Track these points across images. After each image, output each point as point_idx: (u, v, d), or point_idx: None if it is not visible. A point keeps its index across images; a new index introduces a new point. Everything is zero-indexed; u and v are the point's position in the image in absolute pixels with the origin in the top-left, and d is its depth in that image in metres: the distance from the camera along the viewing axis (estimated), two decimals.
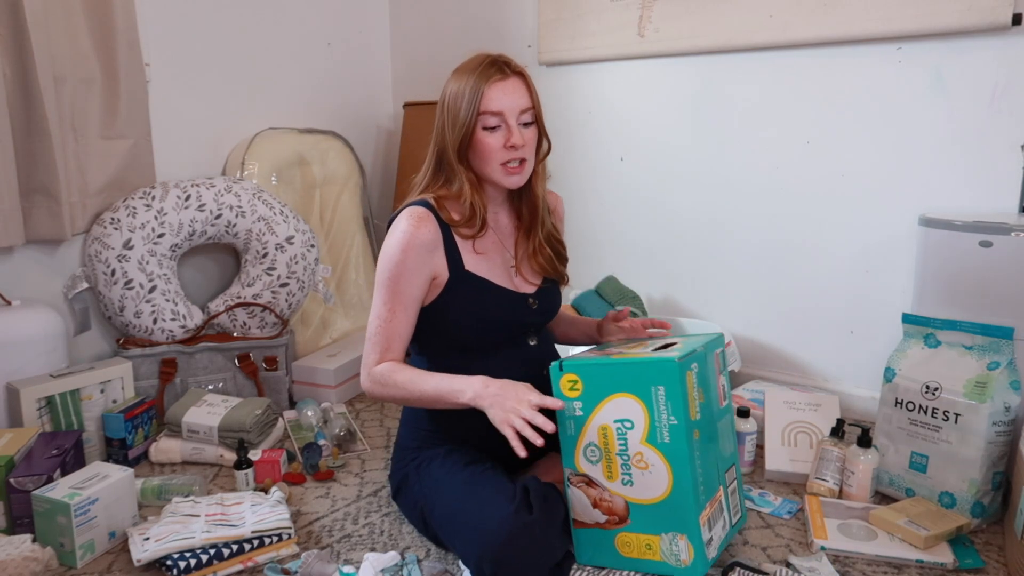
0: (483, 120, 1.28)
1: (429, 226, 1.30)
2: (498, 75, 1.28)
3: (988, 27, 1.66)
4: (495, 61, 1.30)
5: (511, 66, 1.31)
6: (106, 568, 1.30)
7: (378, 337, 1.32)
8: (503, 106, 1.28)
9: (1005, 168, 1.71)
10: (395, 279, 1.29)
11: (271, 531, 1.32)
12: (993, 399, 1.37)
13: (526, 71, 1.34)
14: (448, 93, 1.32)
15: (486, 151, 1.29)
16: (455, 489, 1.25)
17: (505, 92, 1.28)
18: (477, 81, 1.27)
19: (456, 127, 1.30)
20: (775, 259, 2.08)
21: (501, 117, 1.28)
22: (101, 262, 1.86)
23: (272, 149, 2.25)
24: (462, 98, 1.28)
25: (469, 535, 1.16)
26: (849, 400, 1.97)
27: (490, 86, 1.27)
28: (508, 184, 1.33)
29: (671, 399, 1.14)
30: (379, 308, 1.32)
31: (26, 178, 1.73)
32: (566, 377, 1.20)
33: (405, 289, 1.29)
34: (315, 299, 2.32)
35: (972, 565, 1.28)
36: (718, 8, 2.02)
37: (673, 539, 1.17)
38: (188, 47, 2.13)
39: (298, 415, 1.90)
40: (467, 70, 1.30)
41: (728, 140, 2.11)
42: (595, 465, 1.20)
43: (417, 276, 1.29)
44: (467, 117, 1.28)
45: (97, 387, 1.70)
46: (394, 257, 1.28)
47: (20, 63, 1.68)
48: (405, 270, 1.28)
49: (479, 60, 1.31)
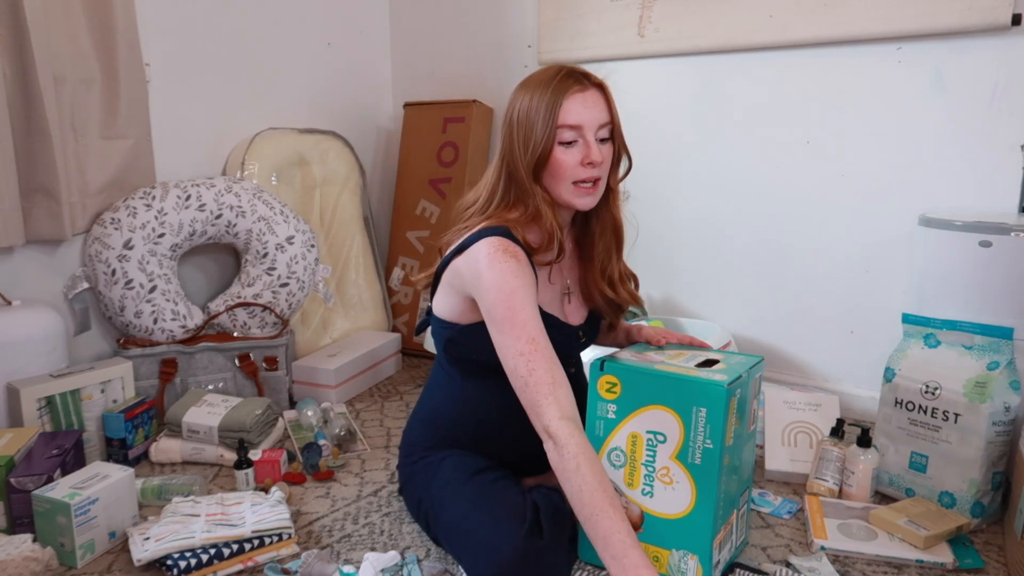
0: (560, 135, 1.19)
1: (520, 254, 1.18)
2: (577, 86, 1.20)
3: (988, 27, 1.66)
4: (572, 71, 1.22)
5: (590, 78, 1.23)
6: (106, 568, 1.30)
7: (535, 378, 1.11)
8: (582, 120, 1.19)
9: (1005, 168, 1.71)
10: (515, 308, 1.14)
11: (271, 531, 1.32)
12: (993, 399, 1.37)
13: (606, 83, 1.25)
14: (519, 107, 1.22)
15: (560, 169, 1.20)
16: (464, 500, 1.22)
17: (585, 105, 1.19)
18: (554, 93, 1.18)
19: (531, 143, 1.20)
20: (775, 259, 2.08)
21: (579, 132, 1.19)
22: (101, 262, 1.86)
23: (272, 149, 2.25)
24: (536, 112, 1.19)
25: (477, 554, 1.14)
26: (849, 400, 1.97)
27: (568, 97, 1.18)
28: (579, 205, 1.23)
29: (711, 422, 1.11)
30: (513, 347, 1.14)
31: (26, 178, 1.73)
32: (605, 378, 1.17)
33: (530, 314, 1.15)
34: (315, 299, 2.32)
35: (972, 565, 1.28)
36: (718, 8, 2.02)
37: (683, 557, 1.16)
38: (188, 47, 2.13)
39: (298, 415, 1.90)
40: (540, 82, 1.21)
41: (728, 140, 2.11)
42: (617, 470, 1.19)
43: (531, 298, 1.17)
44: (544, 132, 1.18)
45: (97, 387, 1.70)
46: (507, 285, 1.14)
47: (20, 63, 1.68)
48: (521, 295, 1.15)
49: (554, 71, 1.22)
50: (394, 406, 2.09)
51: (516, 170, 1.23)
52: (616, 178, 1.30)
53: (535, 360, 1.12)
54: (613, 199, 1.30)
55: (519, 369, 1.13)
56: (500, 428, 1.32)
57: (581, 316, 1.37)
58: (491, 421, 1.33)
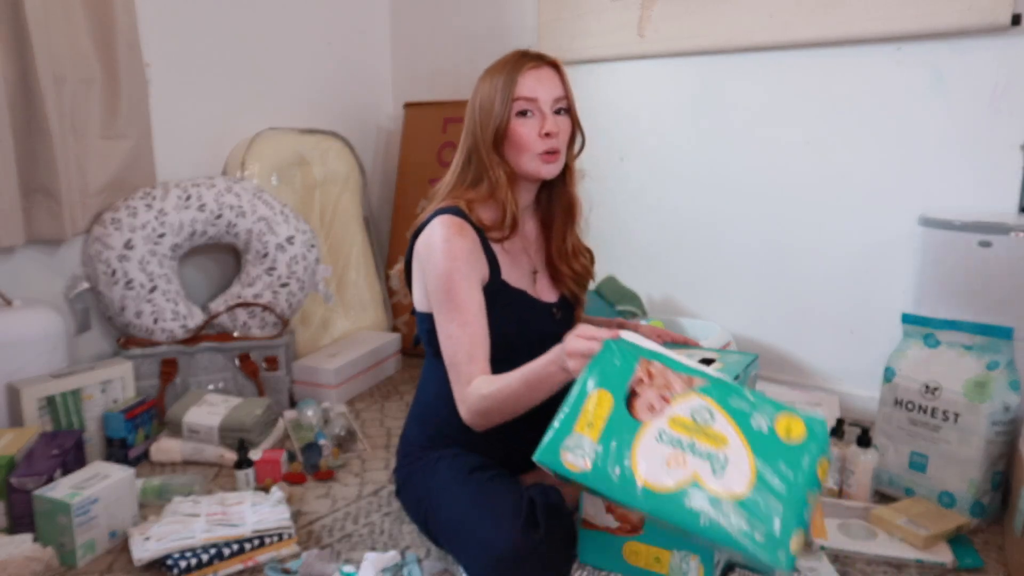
0: (517, 106, 1.26)
1: (467, 230, 1.25)
2: (531, 63, 1.28)
3: (988, 27, 1.66)
4: (527, 52, 1.30)
5: (544, 58, 1.30)
6: (106, 568, 1.30)
7: (457, 359, 1.20)
8: (537, 93, 1.26)
9: (1005, 168, 1.71)
10: (452, 290, 1.21)
11: (271, 531, 1.32)
12: (992, 399, 1.37)
13: (560, 62, 1.32)
14: (480, 91, 1.31)
15: (521, 140, 1.27)
16: (461, 498, 1.23)
17: (539, 80, 1.27)
18: (511, 71, 1.27)
19: (491, 119, 1.27)
20: (775, 259, 2.08)
21: (535, 104, 1.26)
22: (102, 262, 1.86)
23: (272, 149, 2.25)
24: (495, 90, 1.27)
25: (475, 550, 1.15)
26: (849, 400, 1.97)
27: (524, 73, 1.26)
28: (543, 173, 1.29)
29: None
30: (447, 328, 1.22)
31: (26, 178, 1.73)
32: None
33: (466, 297, 1.21)
34: (315, 299, 2.32)
35: (972, 565, 1.28)
36: (718, 8, 2.02)
37: (685, 557, 1.16)
38: (188, 47, 2.13)
39: (298, 415, 1.90)
40: (498, 65, 1.30)
41: (728, 140, 2.11)
42: None
43: (473, 280, 1.23)
44: (502, 107, 1.26)
45: (98, 387, 1.70)
46: (445, 268, 1.21)
47: (20, 63, 1.68)
48: (461, 277, 1.21)
49: (511, 54, 1.30)
50: (394, 406, 2.09)
51: (477, 148, 1.30)
52: (572, 155, 1.35)
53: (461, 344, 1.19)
54: (570, 176, 1.36)
55: (446, 354, 1.22)
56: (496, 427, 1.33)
57: (554, 294, 1.40)
58: None
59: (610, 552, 1.19)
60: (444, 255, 1.21)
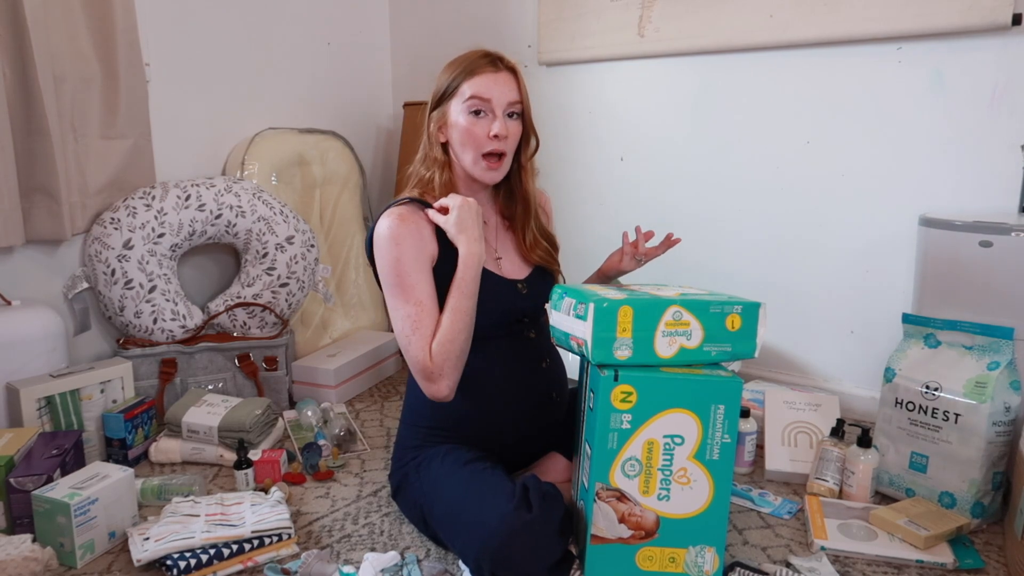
0: (470, 104, 1.30)
1: (411, 217, 1.31)
2: (490, 67, 1.32)
3: (988, 27, 1.66)
4: (488, 54, 1.34)
5: (504, 61, 1.35)
6: (106, 568, 1.30)
7: (416, 335, 1.26)
8: (492, 94, 1.30)
9: (1005, 168, 1.71)
10: (402, 275, 1.27)
11: (271, 531, 1.32)
12: (993, 399, 1.37)
13: (518, 68, 1.36)
14: (439, 83, 1.35)
15: (468, 137, 1.31)
16: (455, 488, 1.25)
17: (496, 83, 1.31)
18: (468, 68, 1.31)
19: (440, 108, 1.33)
20: (775, 259, 2.08)
21: (488, 105, 1.31)
22: (101, 262, 1.86)
23: (272, 149, 2.25)
24: (452, 80, 1.32)
25: (469, 533, 1.16)
26: (849, 400, 1.97)
27: (481, 73, 1.31)
28: (486, 179, 1.35)
29: (729, 417, 1.13)
30: (402, 310, 1.28)
31: (26, 178, 1.73)
32: (620, 388, 1.13)
33: (416, 280, 1.28)
34: (315, 299, 2.32)
35: (972, 565, 1.28)
36: (718, 8, 2.02)
37: (700, 551, 1.16)
38: (188, 47, 2.13)
39: (298, 415, 1.90)
40: (459, 61, 1.34)
41: (728, 140, 2.11)
42: (631, 480, 1.16)
43: (422, 263, 1.29)
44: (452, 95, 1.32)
45: (97, 387, 1.70)
46: (391, 253, 1.28)
47: (20, 63, 1.68)
48: (409, 260, 1.27)
49: (473, 53, 1.34)
50: (394, 406, 2.09)
51: (430, 136, 1.37)
52: (527, 155, 1.41)
53: (419, 320, 1.26)
54: (524, 174, 1.42)
55: (402, 334, 1.27)
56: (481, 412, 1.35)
57: (522, 273, 1.44)
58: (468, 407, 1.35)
59: (623, 563, 1.18)
60: (389, 242, 1.28)
